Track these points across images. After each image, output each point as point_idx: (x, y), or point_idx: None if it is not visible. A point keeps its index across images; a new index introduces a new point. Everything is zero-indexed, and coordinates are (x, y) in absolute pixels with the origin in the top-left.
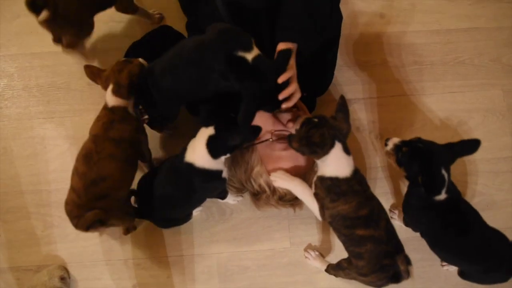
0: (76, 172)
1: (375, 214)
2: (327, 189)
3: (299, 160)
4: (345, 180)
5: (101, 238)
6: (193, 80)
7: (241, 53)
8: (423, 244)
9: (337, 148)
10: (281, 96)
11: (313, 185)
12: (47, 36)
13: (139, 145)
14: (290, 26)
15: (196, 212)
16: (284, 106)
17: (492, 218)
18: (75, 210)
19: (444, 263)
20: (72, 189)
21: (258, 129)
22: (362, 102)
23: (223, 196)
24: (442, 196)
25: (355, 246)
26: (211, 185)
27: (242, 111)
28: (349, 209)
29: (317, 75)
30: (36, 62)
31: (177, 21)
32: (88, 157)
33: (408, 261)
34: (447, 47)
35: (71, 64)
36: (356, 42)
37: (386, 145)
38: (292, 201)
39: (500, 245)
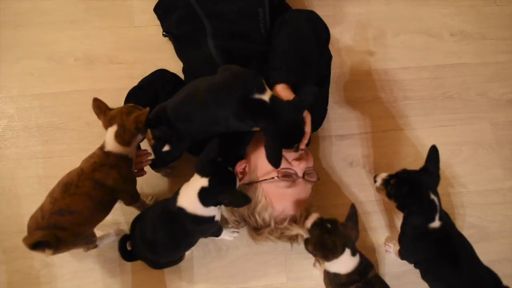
0: (51, 194)
1: None
2: (330, 280)
3: (301, 196)
4: (346, 275)
5: (99, 277)
6: (205, 122)
7: (257, 96)
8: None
9: (346, 254)
10: (305, 141)
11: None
12: (47, 78)
13: (120, 193)
14: (285, 68)
15: (188, 252)
16: (301, 146)
17: (486, 250)
18: (33, 228)
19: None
20: (41, 208)
21: (246, 200)
22: (355, 137)
23: (217, 234)
24: (436, 223)
25: None
26: (203, 228)
27: (268, 150)
28: None
29: (311, 113)
30: (35, 103)
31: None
32: (67, 186)
33: None
34: (436, 82)
35: (69, 105)
36: (347, 80)
37: (375, 181)
38: (292, 237)
39: (491, 284)
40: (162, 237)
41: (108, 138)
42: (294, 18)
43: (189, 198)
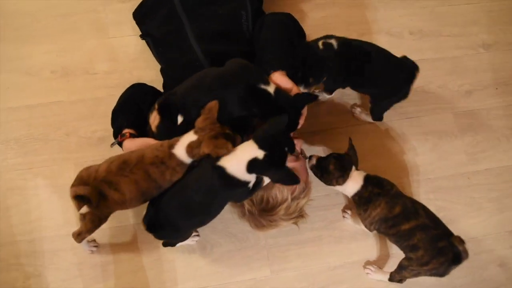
0: (109, 163)
1: (409, 207)
2: (357, 205)
3: (303, 171)
4: (363, 188)
5: (84, 284)
6: None
7: (263, 86)
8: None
9: (353, 170)
10: (301, 122)
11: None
12: (24, 91)
13: (158, 190)
14: (278, 55)
15: (192, 242)
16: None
17: (456, 231)
18: (84, 179)
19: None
20: (97, 169)
21: (297, 179)
22: (326, 133)
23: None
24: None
25: (406, 240)
26: (234, 193)
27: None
28: (381, 211)
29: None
30: (13, 116)
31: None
32: (124, 164)
33: (463, 241)
34: None
35: (48, 117)
36: None
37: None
38: (302, 211)
39: None
40: (201, 198)
41: (182, 143)
42: (274, 15)
43: (234, 160)
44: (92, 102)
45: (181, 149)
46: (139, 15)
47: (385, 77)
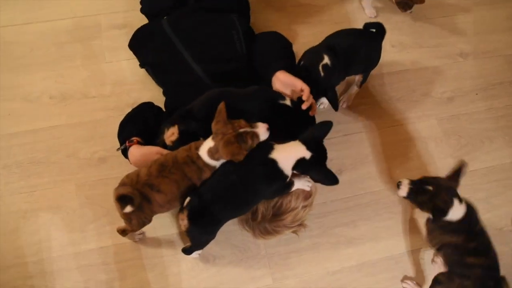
0: (149, 168)
1: (484, 246)
2: (439, 227)
3: None
4: (457, 222)
5: None
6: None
7: (281, 101)
8: None
9: (455, 203)
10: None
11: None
12: (24, 117)
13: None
14: (279, 57)
15: (196, 255)
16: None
17: None
18: (127, 184)
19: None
20: (138, 173)
21: (336, 180)
22: None
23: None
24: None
25: (463, 269)
26: (275, 185)
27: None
28: (457, 241)
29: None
30: (14, 142)
31: (146, 94)
32: (162, 167)
33: (507, 283)
34: (385, 88)
35: (48, 140)
36: None
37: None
38: (303, 221)
39: None
40: (244, 187)
41: (204, 147)
42: (264, 33)
43: (286, 157)
44: (91, 124)
45: (203, 152)
46: (135, 46)
47: (368, 54)
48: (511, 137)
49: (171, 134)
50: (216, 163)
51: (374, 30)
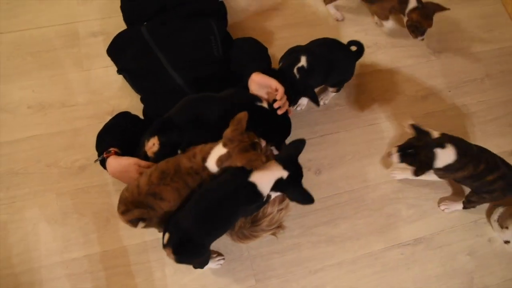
0: (149, 176)
1: (491, 163)
2: (444, 171)
3: None
4: (454, 162)
5: None
6: (214, 127)
7: (258, 103)
8: None
9: (439, 152)
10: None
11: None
12: (2, 128)
13: None
14: (254, 60)
15: (217, 265)
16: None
17: (426, 225)
18: (129, 200)
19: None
20: (138, 184)
21: (312, 199)
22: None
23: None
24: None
25: (486, 187)
26: (254, 206)
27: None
28: (468, 173)
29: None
30: None
31: (123, 101)
32: (164, 175)
33: None
34: (360, 88)
35: (27, 150)
36: None
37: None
38: (281, 223)
39: None
40: (224, 210)
41: (213, 156)
42: (240, 39)
43: (265, 179)
44: (70, 133)
45: (211, 162)
46: (113, 52)
47: (344, 67)
48: (484, 133)
49: (152, 145)
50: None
51: (355, 48)
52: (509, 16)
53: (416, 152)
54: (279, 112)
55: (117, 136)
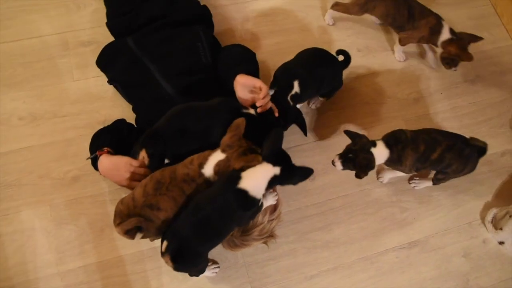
0: (144, 187)
1: (428, 140)
2: (393, 165)
3: None
4: (391, 153)
5: None
6: (198, 134)
7: (245, 110)
8: None
9: (376, 151)
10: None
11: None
12: None
13: None
14: (239, 62)
15: (212, 274)
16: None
17: (420, 228)
18: (124, 213)
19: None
20: (133, 197)
21: (311, 170)
22: (290, 150)
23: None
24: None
25: (440, 163)
26: (249, 213)
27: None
28: (412, 157)
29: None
30: None
31: (115, 111)
32: (159, 184)
33: (476, 138)
34: (352, 92)
35: (20, 162)
36: None
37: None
38: (273, 232)
39: None
40: (220, 220)
41: (211, 162)
42: (227, 46)
43: (255, 183)
44: (63, 144)
45: (209, 169)
46: (102, 64)
47: (334, 75)
48: (476, 134)
49: (142, 158)
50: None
51: (342, 57)
52: (499, 17)
53: (355, 156)
54: (259, 110)
55: (114, 135)
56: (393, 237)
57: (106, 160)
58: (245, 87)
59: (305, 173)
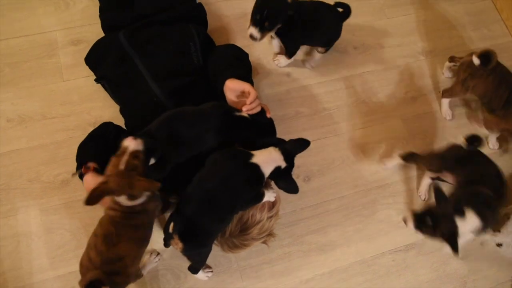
0: (94, 247)
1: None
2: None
3: None
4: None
5: None
6: (190, 138)
7: (237, 113)
8: None
9: (463, 223)
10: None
11: None
12: None
13: (151, 226)
14: (230, 66)
15: (205, 277)
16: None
17: None
18: (89, 268)
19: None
20: (89, 259)
21: (297, 189)
22: None
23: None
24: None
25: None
26: (253, 192)
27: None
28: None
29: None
30: None
31: (105, 112)
32: (108, 238)
33: None
34: (348, 91)
35: (8, 166)
36: (270, 100)
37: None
38: (272, 230)
39: None
40: (227, 196)
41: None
42: (221, 45)
43: (267, 162)
44: (52, 146)
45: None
46: (91, 61)
47: (330, 26)
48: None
49: None
50: (141, 199)
51: (341, 10)
52: (499, 12)
53: (435, 222)
54: (245, 110)
55: (99, 147)
56: (390, 239)
57: (91, 181)
58: (235, 92)
59: (294, 186)
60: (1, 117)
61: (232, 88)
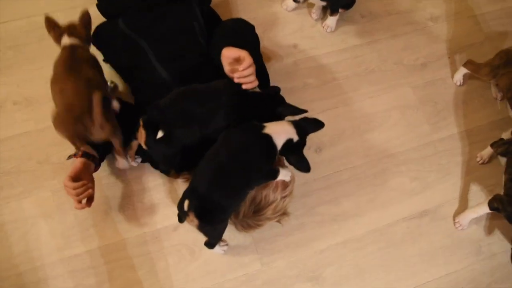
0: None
1: None
2: None
3: None
4: None
5: None
6: (199, 118)
7: (251, 90)
8: None
9: None
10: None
11: None
12: None
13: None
14: (226, 36)
15: (221, 251)
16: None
17: (431, 198)
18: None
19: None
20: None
21: (309, 167)
22: None
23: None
24: None
25: None
26: (267, 164)
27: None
28: None
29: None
30: None
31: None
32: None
33: None
34: (356, 60)
35: (17, 149)
36: (278, 73)
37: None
38: (286, 210)
39: None
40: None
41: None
42: (228, 20)
43: (279, 133)
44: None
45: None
46: (96, 43)
47: None
48: (486, 98)
49: (140, 135)
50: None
51: None
52: None
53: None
54: (244, 87)
55: None
56: (403, 207)
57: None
58: (228, 59)
59: (305, 164)
60: (7, 101)
61: (227, 55)
